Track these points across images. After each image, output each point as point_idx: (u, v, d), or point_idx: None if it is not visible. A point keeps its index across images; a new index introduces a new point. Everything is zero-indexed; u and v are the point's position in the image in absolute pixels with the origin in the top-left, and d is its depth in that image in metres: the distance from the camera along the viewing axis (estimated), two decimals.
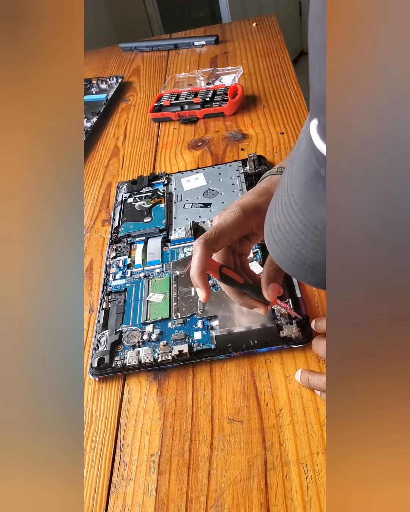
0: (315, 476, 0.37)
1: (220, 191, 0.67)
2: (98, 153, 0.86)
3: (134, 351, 0.48)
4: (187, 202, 0.66)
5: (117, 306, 0.53)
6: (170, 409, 0.44)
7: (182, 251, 0.59)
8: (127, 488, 0.39)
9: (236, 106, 0.85)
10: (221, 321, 0.49)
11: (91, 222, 0.69)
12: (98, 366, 0.47)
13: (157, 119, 0.90)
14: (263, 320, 0.47)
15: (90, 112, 0.95)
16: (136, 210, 0.67)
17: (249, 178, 0.67)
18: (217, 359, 0.46)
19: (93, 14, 1.87)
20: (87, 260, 0.62)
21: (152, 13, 2.49)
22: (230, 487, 0.38)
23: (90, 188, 0.77)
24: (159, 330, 0.49)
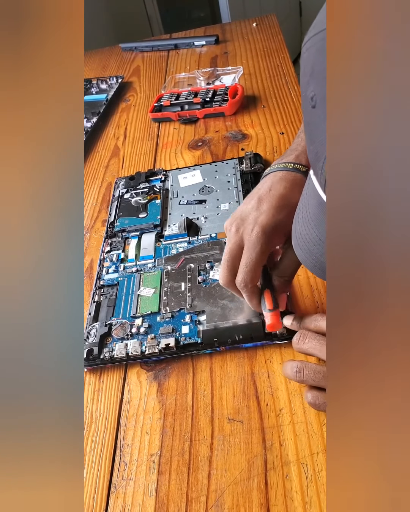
0: (315, 476, 0.37)
1: (215, 188, 0.67)
2: (98, 153, 0.86)
3: (123, 343, 0.49)
4: (183, 198, 0.67)
5: (109, 299, 0.54)
6: (170, 409, 0.44)
7: (175, 246, 0.59)
8: (127, 488, 0.39)
9: (236, 106, 0.85)
10: (209, 316, 0.49)
11: (91, 222, 0.69)
12: (87, 357, 0.48)
13: (158, 119, 0.90)
14: (249, 316, 0.48)
15: (90, 112, 0.95)
16: (132, 206, 0.67)
17: (245, 175, 0.67)
18: (202, 353, 0.47)
19: (93, 14, 1.87)
20: (87, 260, 0.62)
21: (152, 13, 2.49)
22: (230, 487, 0.38)
23: (90, 188, 0.77)
24: (148, 324, 0.50)
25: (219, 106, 0.85)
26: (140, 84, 1.07)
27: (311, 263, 0.32)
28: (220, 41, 1.15)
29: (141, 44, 1.23)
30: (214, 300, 0.51)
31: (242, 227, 0.44)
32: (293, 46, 2.42)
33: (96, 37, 1.68)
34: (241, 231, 0.44)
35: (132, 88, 1.06)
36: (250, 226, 0.43)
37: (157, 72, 1.11)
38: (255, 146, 0.75)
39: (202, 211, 0.64)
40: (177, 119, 0.87)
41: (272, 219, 0.43)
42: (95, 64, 1.23)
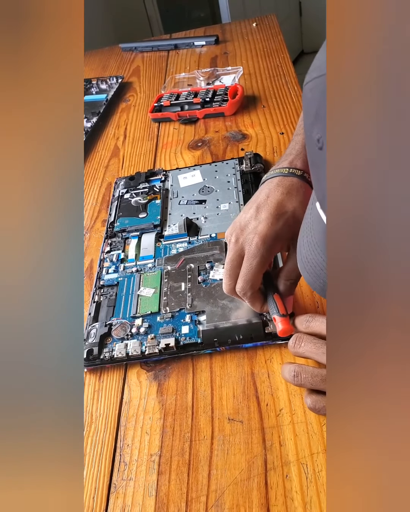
0: (315, 476, 0.37)
1: (215, 188, 0.67)
2: (98, 153, 0.86)
3: (123, 343, 0.49)
4: (183, 198, 0.67)
5: (109, 300, 0.54)
6: (170, 409, 0.44)
7: (175, 246, 0.59)
8: (127, 488, 0.39)
9: (236, 106, 0.85)
10: (209, 316, 0.49)
11: (91, 222, 0.69)
12: (87, 357, 0.48)
13: (157, 119, 0.90)
14: (249, 316, 0.48)
15: (90, 112, 0.95)
16: (132, 206, 0.67)
17: (245, 176, 0.67)
18: (202, 353, 0.47)
19: (93, 14, 1.87)
20: (87, 260, 0.62)
21: (152, 13, 2.49)
22: (230, 487, 0.38)
23: (90, 188, 0.77)
24: (148, 324, 0.50)
25: (219, 106, 0.85)
26: (140, 84, 1.07)
27: (319, 286, 0.33)
28: (219, 41, 1.15)
29: (141, 44, 1.23)
30: (214, 300, 0.51)
31: (241, 237, 0.44)
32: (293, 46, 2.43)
33: (96, 37, 1.68)
34: (240, 241, 0.44)
35: (132, 88, 1.06)
36: (250, 236, 0.43)
37: (157, 72, 1.11)
38: (255, 146, 0.75)
39: (202, 211, 0.64)
40: (177, 119, 0.87)
41: (271, 228, 0.43)
42: (95, 64, 1.23)
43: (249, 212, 0.45)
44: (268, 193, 0.45)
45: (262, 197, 0.46)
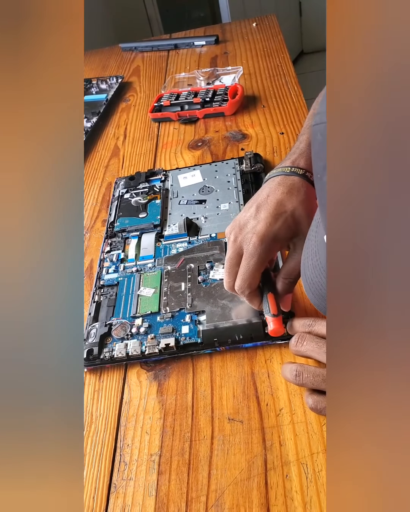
0: (315, 476, 0.37)
1: (215, 188, 0.67)
2: (98, 153, 0.86)
3: (123, 343, 0.49)
4: (183, 198, 0.67)
5: (109, 300, 0.55)
6: (170, 409, 0.44)
7: (175, 246, 0.59)
8: (127, 488, 0.39)
9: (236, 106, 0.85)
10: (209, 316, 0.49)
11: (91, 222, 0.69)
12: (87, 357, 0.48)
13: (157, 119, 0.89)
14: (249, 316, 0.48)
15: (90, 112, 0.95)
16: (132, 206, 0.67)
17: (245, 175, 0.67)
18: (202, 353, 0.47)
19: (93, 14, 1.87)
20: (87, 260, 0.62)
21: (152, 13, 2.49)
22: (230, 487, 0.38)
23: (90, 188, 0.77)
24: (148, 324, 0.50)
25: (219, 106, 0.85)
26: (140, 84, 1.07)
27: (325, 308, 0.33)
28: (219, 41, 1.15)
29: (141, 44, 1.23)
30: (214, 300, 0.51)
31: (240, 235, 0.44)
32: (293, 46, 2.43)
33: (96, 37, 1.68)
34: (239, 240, 0.44)
35: (132, 88, 1.06)
36: (248, 235, 0.44)
37: (157, 72, 1.11)
38: (255, 146, 0.75)
39: (202, 211, 0.64)
40: (177, 119, 0.87)
41: (269, 228, 0.43)
42: (95, 64, 1.23)
43: (249, 211, 0.45)
44: (269, 192, 0.45)
45: (262, 196, 0.46)
